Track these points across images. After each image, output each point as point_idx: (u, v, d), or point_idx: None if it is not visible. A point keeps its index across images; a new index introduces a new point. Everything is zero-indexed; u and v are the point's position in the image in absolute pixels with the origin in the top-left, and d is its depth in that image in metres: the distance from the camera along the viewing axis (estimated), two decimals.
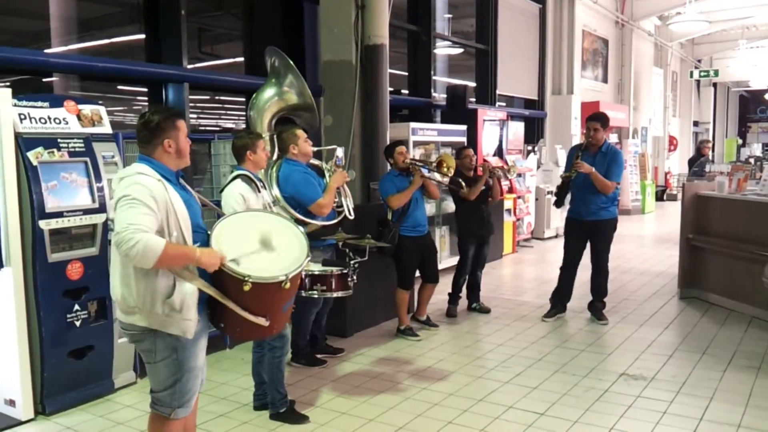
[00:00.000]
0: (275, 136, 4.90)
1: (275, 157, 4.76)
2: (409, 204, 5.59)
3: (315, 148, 4.84)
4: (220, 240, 2.85)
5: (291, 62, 4.94)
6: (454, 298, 6.49)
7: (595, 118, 5.99)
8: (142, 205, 2.63)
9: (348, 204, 4.76)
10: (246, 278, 2.76)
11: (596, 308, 6.22)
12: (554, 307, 6.35)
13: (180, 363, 2.84)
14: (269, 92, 5.02)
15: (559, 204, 6.17)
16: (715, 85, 26.76)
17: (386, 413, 4.14)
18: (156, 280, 2.70)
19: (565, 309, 6.39)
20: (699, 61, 23.88)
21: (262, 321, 2.87)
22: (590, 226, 6.01)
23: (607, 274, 6.19)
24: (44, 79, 5.57)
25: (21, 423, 3.98)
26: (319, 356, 5.11)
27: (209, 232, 2.92)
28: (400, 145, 5.83)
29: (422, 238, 5.77)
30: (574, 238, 6.22)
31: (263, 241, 3.01)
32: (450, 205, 6.49)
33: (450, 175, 5.75)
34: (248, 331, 3.01)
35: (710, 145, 13.20)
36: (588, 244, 6.16)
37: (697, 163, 12.15)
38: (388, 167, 5.89)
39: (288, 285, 2.88)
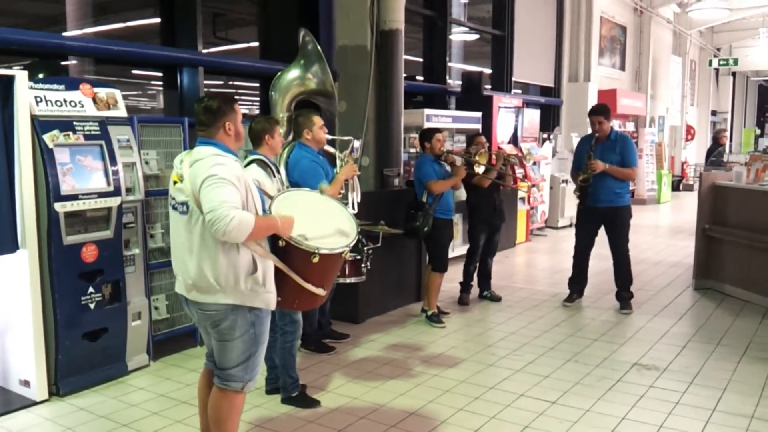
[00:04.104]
0: (292, 119, 4.84)
1: (289, 139, 4.70)
2: None
3: (330, 137, 4.74)
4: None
5: (321, 51, 4.93)
6: (466, 286, 6.47)
7: (598, 111, 5.99)
8: (229, 183, 2.74)
9: (354, 198, 4.67)
10: (316, 251, 2.96)
11: (623, 297, 6.16)
12: (573, 293, 6.39)
13: (257, 336, 2.99)
14: (294, 73, 5.03)
15: (585, 201, 6.09)
16: (734, 74, 26.37)
17: (397, 399, 4.15)
18: (238, 257, 2.82)
19: (583, 294, 6.44)
20: (718, 49, 23.55)
21: (321, 291, 3.06)
22: (605, 214, 5.98)
23: (629, 263, 6.13)
24: (61, 63, 5.60)
25: (35, 404, 4.03)
26: (326, 342, 5.11)
27: (267, 211, 3.08)
28: (439, 132, 5.87)
29: (450, 222, 5.85)
30: (586, 225, 6.22)
31: (316, 216, 3.22)
32: (463, 193, 6.48)
33: (479, 172, 5.92)
34: (305, 302, 3.24)
35: (726, 133, 13.03)
36: (605, 234, 6.11)
37: (715, 153, 12.03)
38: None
39: (347, 254, 3.13)
